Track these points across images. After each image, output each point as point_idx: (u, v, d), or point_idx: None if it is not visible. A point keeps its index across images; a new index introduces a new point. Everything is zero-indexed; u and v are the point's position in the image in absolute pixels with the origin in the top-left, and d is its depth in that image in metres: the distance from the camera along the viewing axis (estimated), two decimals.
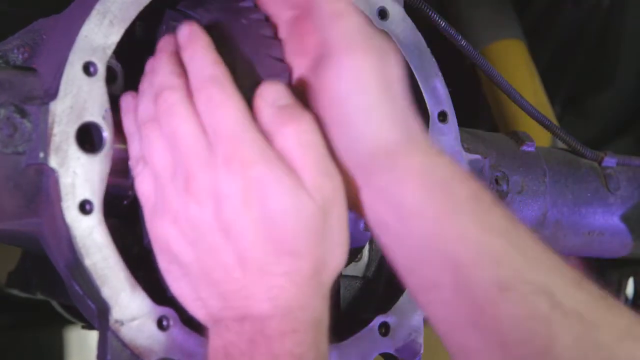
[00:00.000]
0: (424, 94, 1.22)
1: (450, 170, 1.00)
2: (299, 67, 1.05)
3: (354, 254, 1.23)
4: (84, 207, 1.01)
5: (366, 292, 1.17)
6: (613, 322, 0.96)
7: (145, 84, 1.05)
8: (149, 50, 1.15)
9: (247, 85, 1.02)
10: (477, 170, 1.28)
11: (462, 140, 1.26)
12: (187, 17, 1.12)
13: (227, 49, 1.06)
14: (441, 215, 0.98)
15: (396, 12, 1.21)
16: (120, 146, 1.10)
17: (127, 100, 1.05)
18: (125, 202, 1.12)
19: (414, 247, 1.01)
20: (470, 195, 0.99)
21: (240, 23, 1.07)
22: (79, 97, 1.02)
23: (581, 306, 0.96)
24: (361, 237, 1.18)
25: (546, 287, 0.97)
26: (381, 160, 0.99)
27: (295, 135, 0.99)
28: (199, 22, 1.11)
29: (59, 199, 1.00)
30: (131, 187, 1.11)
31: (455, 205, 0.98)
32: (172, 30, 1.11)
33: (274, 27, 1.07)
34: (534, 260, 0.98)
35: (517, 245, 0.98)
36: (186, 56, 1.03)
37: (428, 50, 1.24)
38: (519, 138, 1.39)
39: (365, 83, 0.99)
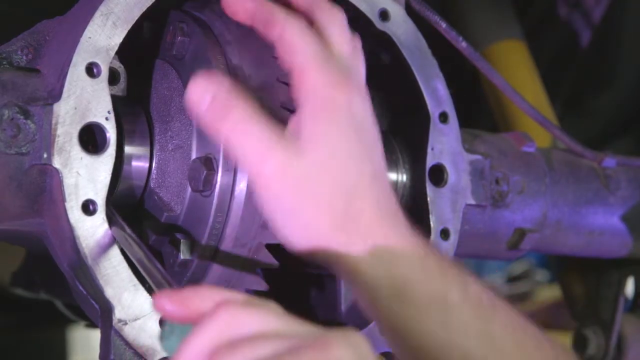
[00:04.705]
0: (425, 95, 1.23)
1: (408, 272, 0.98)
2: None
3: None
4: (88, 208, 1.02)
5: None
6: None
7: None
8: (155, 50, 1.16)
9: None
10: (477, 171, 1.28)
11: (463, 141, 1.26)
12: (194, 18, 1.12)
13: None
14: (407, 315, 0.98)
15: (397, 13, 1.22)
16: (132, 147, 1.11)
17: None
18: (134, 202, 1.13)
19: (388, 332, 1.02)
20: (433, 298, 0.98)
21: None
22: (83, 98, 1.02)
23: None
24: None
25: None
26: (320, 249, 0.99)
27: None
28: (205, 23, 1.12)
29: (62, 199, 1.01)
30: (140, 188, 1.12)
31: (417, 310, 0.98)
32: (180, 31, 1.11)
33: None
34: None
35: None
36: None
37: (429, 51, 1.24)
38: (519, 139, 1.40)
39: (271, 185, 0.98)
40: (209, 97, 0.96)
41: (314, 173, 0.97)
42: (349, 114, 0.99)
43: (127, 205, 1.12)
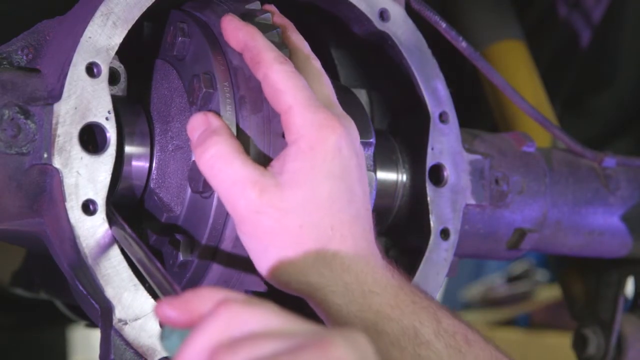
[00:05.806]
0: (425, 95, 1.23)
1: (380, 309, 0.99)
2: None
3: None
4: (88, 207, 1.02)
5: None
6: None
7: None
8: (155, 50, 1.16)
9: None
10: (477, 170, 1.28)
11: (463, 141, 1.26)
12: (194, 19, 1.12)
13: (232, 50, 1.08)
14: (381, 347, 0.97)
15: (397, 13, 1.22)
16: (132, 147, 1.11)
17: None
18: (134, 202, 1.13)
19: None
20: (404, 334, 0.98)
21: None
22: (83, 98, 1.02)
23: None
24: None
25: None
26: (292, 286, 1.01)
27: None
28: (205, 23, 1.12)
29: (62, 199, 1.01)
30: (141, 188, 1.12)
31: (391, 345, 0.98)
32: (180, 31, 1.11)
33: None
34: None
35: None
36: None
37: (429, 51, 1.24)
38: (519, 139, 1.40)
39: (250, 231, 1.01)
40: (200, 129, 1.02)
41: (290, 214, 0.98)
42: (334, 154, 1.00)
43: (127, 205, 1.12)
